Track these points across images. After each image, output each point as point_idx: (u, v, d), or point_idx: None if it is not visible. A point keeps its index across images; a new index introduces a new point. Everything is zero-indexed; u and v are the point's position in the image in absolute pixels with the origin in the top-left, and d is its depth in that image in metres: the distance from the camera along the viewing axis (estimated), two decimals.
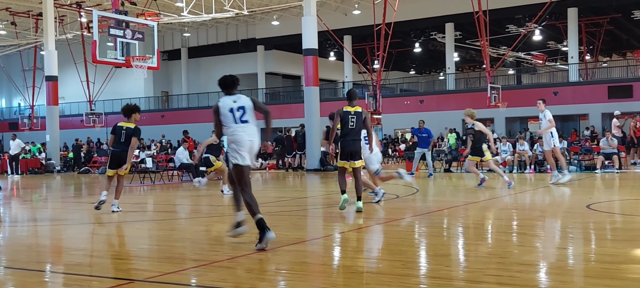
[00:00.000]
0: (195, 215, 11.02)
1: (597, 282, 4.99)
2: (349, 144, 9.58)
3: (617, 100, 32.48)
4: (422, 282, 5.13)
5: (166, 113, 49.06)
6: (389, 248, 6.89)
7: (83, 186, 20.33)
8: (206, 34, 49.57)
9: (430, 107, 38.88)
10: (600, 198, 11.79)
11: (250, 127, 7.07)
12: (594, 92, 34.68)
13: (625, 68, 42.83)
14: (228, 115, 7.04)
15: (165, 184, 19.18)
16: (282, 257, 6.34)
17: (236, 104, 7.21)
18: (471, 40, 42.30)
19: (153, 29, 18.36)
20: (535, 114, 36.46)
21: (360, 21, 39.53)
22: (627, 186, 14.89)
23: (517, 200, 12.23)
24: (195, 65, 51.86)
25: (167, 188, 17.36)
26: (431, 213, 9.86)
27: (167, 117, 47.80)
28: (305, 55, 26.03)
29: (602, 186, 14.92)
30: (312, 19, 25.78)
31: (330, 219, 9.72)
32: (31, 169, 29.89)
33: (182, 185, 18.56)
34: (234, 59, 49.99)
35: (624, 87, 33.78)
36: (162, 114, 48.72)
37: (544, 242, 7.14)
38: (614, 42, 46.66)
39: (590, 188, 14.42)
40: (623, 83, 34.77)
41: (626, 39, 45.99)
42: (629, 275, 5.21)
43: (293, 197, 13.12)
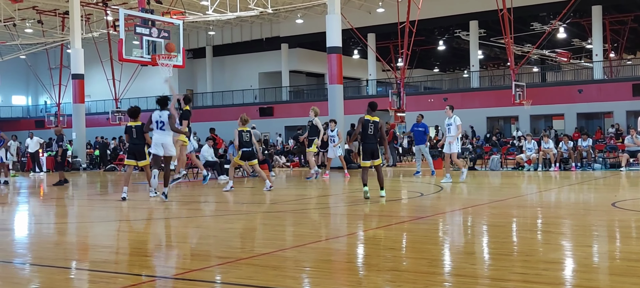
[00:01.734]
0: (220, 213, 11.11)
1: (623, 280, 4.96)
2: (368, 146, 11.54)
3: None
4: (447, 280, 5.14)
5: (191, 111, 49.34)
6: (413, 246, 6.91)
7: (109, 184, 20.57)
8: (231, 32, 49.79)
9: (454, 105, 38.18)
10: (626, 196, 11.67)
11: (164, 133, 12.16)
12: (618, 90, 34.26)
13: None
14: (154, 124, 12.06)
15: (190, 182, 19.33)
16: (307, 255, 6.38)
17: (161, 118, 12.17)
18: (495, 38, 42.00)
19: (178, 27, 18.47)
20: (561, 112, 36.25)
21: (384, 19, 39.44)
22: None
23: (542, 198, 12.15)
24: (219, 64, 52.14)
25: (192, 186, 17.50)
26: (455, 212, 9.84)
27: (192, 115, 48.04)
28: (329, 53, 26.04)
29: (627, 184, 14.76)
30: (336, 17, 25.78)
31: (354, 217, 9.75)
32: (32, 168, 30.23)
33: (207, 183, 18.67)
34: (258, 57, 50.19)
35: None
36: None
37: (569, 239, 7.10)
38: (638, 39, 45.99)
39: (615, 186, 14.28)
40: None
41: None
42: None
43: (316, 194, 13.17)
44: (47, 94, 47.08)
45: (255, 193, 12.93)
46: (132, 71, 38.54)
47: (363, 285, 5.06)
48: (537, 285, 4.74)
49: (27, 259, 6.70)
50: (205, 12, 31.72)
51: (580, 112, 35.84)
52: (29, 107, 59.56)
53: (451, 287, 4.84)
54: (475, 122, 36.56)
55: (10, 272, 6.06)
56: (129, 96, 43.65)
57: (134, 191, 16.07)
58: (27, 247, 7.65)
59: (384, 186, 11.72)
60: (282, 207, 11.08)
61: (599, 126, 36.05)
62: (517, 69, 31.97)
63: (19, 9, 35.63)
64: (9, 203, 13.74)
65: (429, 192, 13.23)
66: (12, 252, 7.16)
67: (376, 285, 4.96)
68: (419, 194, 12.81)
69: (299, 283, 5.21)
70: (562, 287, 4.86)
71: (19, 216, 11.56)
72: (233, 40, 49.98)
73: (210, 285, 5.21)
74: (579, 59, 49.79)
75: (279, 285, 5.04)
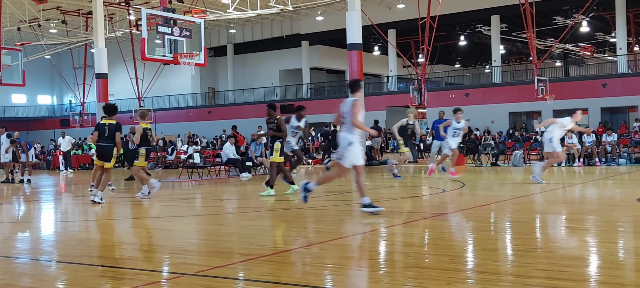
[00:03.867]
0: (243, 210, 11.16)
1: None
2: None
3: None
4: (469, 277, 5.12)
5: (213, 109, 49.67)
6: (435, 243, 6.88)
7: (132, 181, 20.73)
8: (251, 30, 49.96)
9: (476, 100, 38.44)
10: None
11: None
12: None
13: None
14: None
15: (212, 179, 19.45)
16: (329, 251, 6.39)
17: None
18: (517, 32, 41.67)
19: (200, 26, 18.59)
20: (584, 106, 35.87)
21: (404, 15, 39.32)
22: None
23: (566, 194, 12.04)
24: (240, 61, 52.35)
25: (214, 184, 17.60)
26: (478, 208, 9.79)
27: (213, 113, 48.38)
28: (349, 50, 26.02)
29: None
30: (356, 13, 25.75)
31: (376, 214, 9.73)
32: (82, 165, 30.66)
33: (229, 180, 18.80)
34: (279, 55, 50.31)
35: None
36: (208, 110, 49.34)
37: (593, 236, 7.03)
38: None
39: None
40: None
41: None
42: None
43: (339, 191, 13.16)
44: (72, 93, 47.66)
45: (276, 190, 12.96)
46: (154, 70, 38.84)
47: (385, 281, 5.05)
48: (561, 282, 4.70)
49: (53, 256, 6.80)
50: (226, 10, 31.89)
51: (604, 106, 35.40)
52: (54, 106, 60.30)
53: (474, 284, 4.81)
54: (497, 117, 36.31)
55: (37, 269, 6.15)
56: (151, 95, 44.03)
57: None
58: (53, 244, 7.76)
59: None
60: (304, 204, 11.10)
61: (624, 121, 35.59)
62: (540, 64, 31.69)
63: (43, 10, 36.09)
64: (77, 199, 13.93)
65: (451, 188, 13.17)
66: (39, 249, 7.28)
67: (398, 282, 4.95)
68: (441, 190, 12.75)
69: (321, 280, 5.22)
70: (587, 283, 4.82)
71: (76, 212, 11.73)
72: (254, 38, 50.16)
73: (233, 282, 5.24)
74: (603, 53, 49.19)
75: (301, 282, 5.05)
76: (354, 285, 4.98)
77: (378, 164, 25.43)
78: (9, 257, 6.67)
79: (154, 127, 41.65)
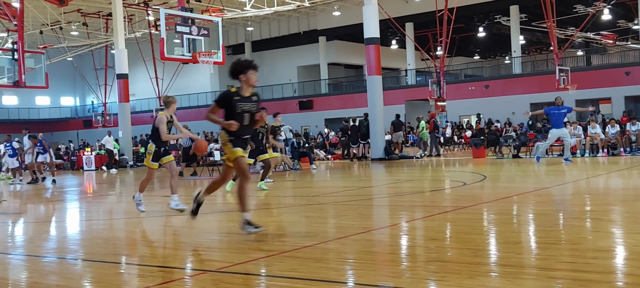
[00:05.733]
0: (262, 207, 11.17)
1: None
2: None
3: None
4: (492, 270, 5.06)
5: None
6: (457, 236, 6.83)
7: (155, 180, 20.89)
8: (268, 27, 50.04)
9: (496, 92, 38.16)
10: None
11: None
12: None
13: None
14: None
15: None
16: (349, 246, 6.37)
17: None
18: (537, 22, 41.24)
19: (217, 24, 18.64)
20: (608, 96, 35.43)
21: (421, 8, 39.13)
22: None
23: (590, 185, 11.90)
24: (258, 59, 52.20)
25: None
26: (500, 200, 9.70)
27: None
28: (367, 44, 25.93)
29: None
30: (373, 7, 25.65)
31: (397, 208, 9.69)
32: (106, 165, 30.93)
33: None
34: (297, 51, 50.34)
35: None
36: None
37: (619, 227, 6.92)
38: None
39: None
40: None
41: None
42: None
43: (358, 186, 13.14)
44: (94, 94, 48.12)
45: (296, 186, 12.96)
46: (174, 69, 39.07)
47: (406, 276, 5.02)
48: (586, 274, 4.63)
49: (79, 254, 6.87)
50: (243, 8, 31.94)
51: (628, 95, 34.96)
52: (77, 107, 60.96)
53: (497, 277, 4.76)
54: (517, 108, 35.99)
55: (64, 267, 6.21)
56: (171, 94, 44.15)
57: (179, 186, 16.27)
58: (78, 243, 7.85)
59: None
60: (324, 199, 11.08)
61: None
62: (561, 53, 31.36)
63: (64, 13, 36.45)
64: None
65: (472, 181, 13.08)
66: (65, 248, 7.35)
67: (420, 276, 4.92)
68: (462, 183, 12.66)
69: (342, 275, 5.20)
70: (613, 275, 4.74)
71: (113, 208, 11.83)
72: (271, 35, 50.24)
73: (255, 278, 5.24)
74: (626, 41, 48.49)
75: (322, 277, 5.03)
76: (375, 280, 4.94)
77: (397, 158, 25.33)
78: (36, 256, 6.74)
79: None
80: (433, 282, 4.71)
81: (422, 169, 19.07)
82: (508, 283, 4.50)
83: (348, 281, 5.02)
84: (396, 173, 17.80)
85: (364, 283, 4.90)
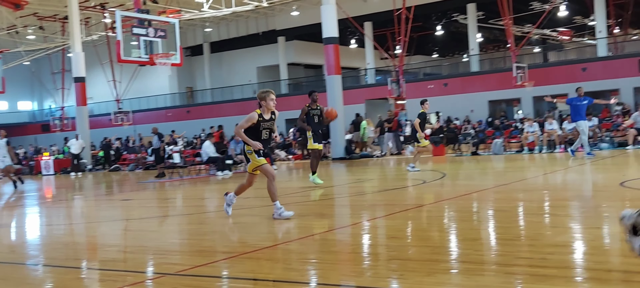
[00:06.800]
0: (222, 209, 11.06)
1: (633, 261, 4.88)
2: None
3: None
4: (452, 267, 5.08)
5: (191, 108, 49.41)
6: (417, 234, 6.86)
7: (114, 184, 20.56)
8: (227, 28, 49.75)
9: (455, 89, 38.54)
10: (634, 176, 11.58)
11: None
12: (624, 66, 33.93)
13: None
14: None
15: (193, 178, 19.32)
16: (311, 247, 6.34)
17: None
18: (494, 19, 41.81)
19: (175, 25, 18.45)
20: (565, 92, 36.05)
21: (380, 7, 39.30)
22: None
23: (548, 180, 12.09)
24: (217, 60, 52.12)
25: (195, 183, 17.48)
26: (459, 198, 9.78)
27: (192, 112, 48.13)
28: (325, 44, 25.96)
29: (635, 163, 14.68)
30: (331, 7, 25.68)
31: (358, 207, 9.70)
32: (64, 169, 30.38)
33: (209, 179, 18.67)
34: (256, 52, 50.14)
35: None
36: (187, 110, 49.08)
37: (577, 222, 7.04)
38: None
39: (623, 165, 14.20)
40: None
41: None
42: None
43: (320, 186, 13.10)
44: (51, 98, 47.19)
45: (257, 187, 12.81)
46: (131, 72, 38.57)
47: (367, 274, 5.01)
48: (543, 269, 4.68)
49: (39, 260, 6.74)
50: (201, 9, 31.65)
51: (585, 91, 35.63)
52: (35, 111, 59.75)
53: (456, 274, 4.78)
54: (476, 106, 36.44)
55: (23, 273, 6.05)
56: (130, 96, 43.70)
57: (140, 190, 16.07)
58: (39, 248, 7.71)
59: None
60: (285, 200, 11.03)
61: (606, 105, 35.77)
62: (518, 50, 31.83)
63: (20, 16, 35.65)
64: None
65: (432, 179, 13.17)
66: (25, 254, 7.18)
67: (381, 275, 4.92)
68: (421, 182, 12.74)
69: (303, 276, 5.17)
70: (570, 270, 4.80)
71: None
72: (230, 35, 49.94)
73: (216, 280, 5.19)
74: (582, 37, 49.48)
75: (283, 277, 4.99)
76: (337, 280, 4.92)
77: (358, 157, 25.42)
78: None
79: (133, 128, 41.42)
80: (394, 280, 4.71)
81: (383, 168, 19.16)
82: (467, 280, 4.53)
83: (310, 281, 4.99)
84: (357, 172, 17.85)
85: (326, 283, 4.88)
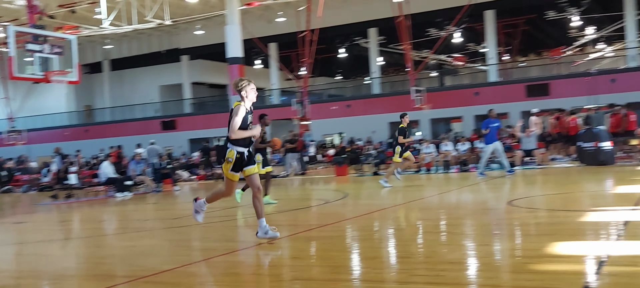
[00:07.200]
0: (122, 231, 10.79)
1: (522, 277, 5.16)
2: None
3: (535, 98, 33.67)
4: (353, 286, 5.20)
5: (90, 127, 47.77)
6: (319, 254, 6.95)
7: (6, 206, 19.55)
8: (128, 45, 48.59)
9: (357, 111, 39.30)
10: (521, 194, 12.21)
11: None
12: (512, 91, 35.79)
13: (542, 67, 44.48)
14: None
15: (90, 200, 18.68)
16: (212, 269, 6.30)
17: None
18: (394, 44, 43.06)
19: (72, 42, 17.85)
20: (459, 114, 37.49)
21: (285, 28, 39.63)
22: (548, 181, 15.48)
23: (443, 200, 12.54)
24: (118, 78, 50.72)
25: (92, 205, 16.91)
26: (360, 217, 9.98)
27: (91, 132, 46.54)
28: (230, 63, 25.92)
29: (522, 182, 15.46)
30: (235, 27, 25.71)
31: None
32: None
33: (108, 201, 18.11)
34: (158, 70, 49.24)
35: (541, 86, 35.03)
36: (86, 129, 47.41)
37: (470, 239, 7.34)
38: (530, 42, 48.39)
39: (512, 185, 14.91)
40: (540, 81, 36.05)
41: (541, 39, 47.78)
42: (550, 268, 5.41)
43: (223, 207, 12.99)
44: None
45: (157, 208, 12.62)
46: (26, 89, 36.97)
47: None
48: (438, 285, 4.87)
49: None
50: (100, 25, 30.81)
51: (477, 114, 37.20)
52: None
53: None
54: (377, 127, 37.27)
55: None
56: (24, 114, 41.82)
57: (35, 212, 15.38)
58: None
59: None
60: (187, 221, 10.89)
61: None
62: (416, 74, 32.92)
63: None
64: None
65: (334, 199, 13.36)
66: None
67: None
68: (323, 202, 12.90)
69: None
70: (463, 286, 5.02)
71: None
72: (131, 53, 48.76)
73: None
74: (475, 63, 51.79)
75: None
76: None
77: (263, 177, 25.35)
78: None
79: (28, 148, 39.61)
80: None
81: (287, 188, 19.25)
82: None
83: None
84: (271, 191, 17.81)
85: None
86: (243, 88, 7.36)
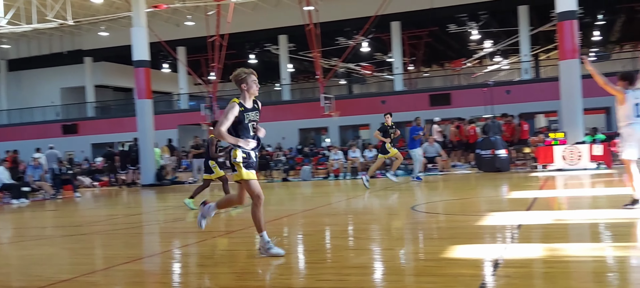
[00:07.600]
0: (19, 239, 10.30)
1: (425, 279, 5.29)
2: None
3: (437, 107, 34.75)
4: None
5: None
6: (227, 261, 6.88)
7: None
8: (28, 46, 46.52)
9: (267, 117, 39.01)
10: (423, 200, 12.56)
11: None
12: (417, 100, 36.73)
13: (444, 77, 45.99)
14: None
15: None
16: (114, 278, 6.11)
17: None
18: (304, 51, 43.35)
19: None
20: (367, 122, 38.11)
21: (194, 32, 39.10)
22: (449, 187, 15.99)
23: (350, 205, 12.70)
24: (16, 79, 48.39)
25: None
26: (269, 223, 9.94)
27: None
28: (136, 67, 25.31)
29: (425, 188, 15.89)
30: (141, 30, 25.13)
31: (168, 235, 9.52)
32: None
33: (3, 208, 17.25)
34: (60, 72, 47.34)
35: (443, 95, 36.21)
36: None
37: (375, 243, 7.47)
38: (433, 53, 49.89)
39: (415, 190, 15.30)
40: (442, 91, 37.28)
41: (443, 51, 49.32)
42: (450, 271, 5.57)
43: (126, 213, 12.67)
44: None
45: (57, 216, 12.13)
46: None
47: None
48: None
49: None
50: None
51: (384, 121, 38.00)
52: None
53: None
54: (287, 133, 37.38)
55: None
56: None
57: None
58: None
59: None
60: (88, 229, 10.53)
61: (402, 135, 38.40)
62: (325, 82, 33.25)
63: None
64: None
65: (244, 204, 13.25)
66: None
67: None
68: (232, 207, 12.79)
69: None
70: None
71: None
72: (31, 53, 46.69)
73: None
74: (382, 72, 52.88)
75: None
76: None
77: (169, 184, 24.93)
78: None
79: None
80: None
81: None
82: None
83: None
84: (167, 199, 17.49)
85: None
86: (243, 79, 6.63)
